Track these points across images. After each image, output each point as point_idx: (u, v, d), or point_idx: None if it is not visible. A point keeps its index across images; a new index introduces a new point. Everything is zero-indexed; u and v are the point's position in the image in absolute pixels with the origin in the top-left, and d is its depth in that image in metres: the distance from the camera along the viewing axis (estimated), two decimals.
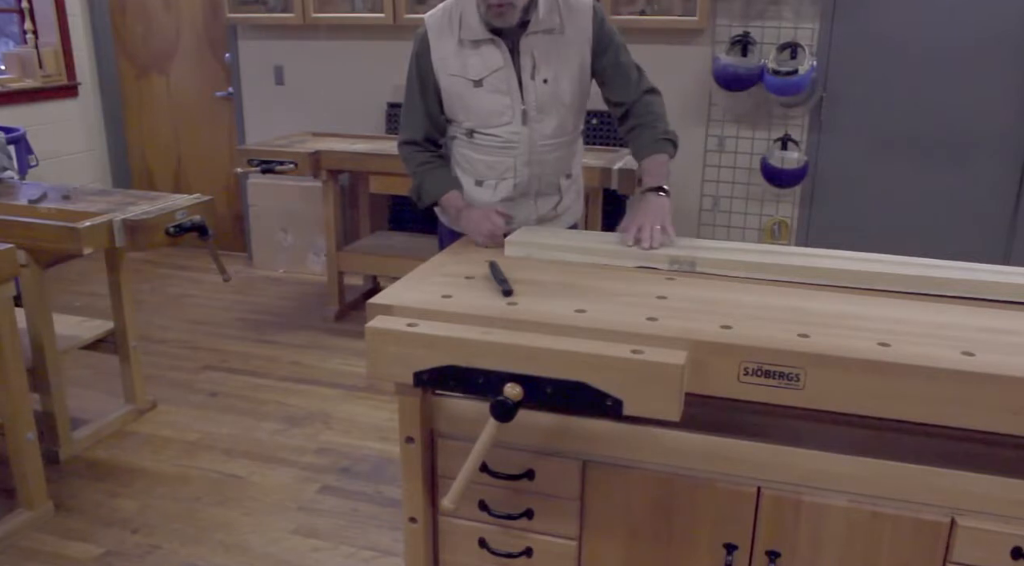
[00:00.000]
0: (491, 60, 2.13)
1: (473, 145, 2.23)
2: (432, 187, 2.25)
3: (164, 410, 3.39)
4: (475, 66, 2.14)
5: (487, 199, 2.25)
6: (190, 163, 5.58)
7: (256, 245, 5.26)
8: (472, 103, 2.17)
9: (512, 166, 2.22)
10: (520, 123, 2.17)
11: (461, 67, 2.15)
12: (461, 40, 2.13)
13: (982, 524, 1.40)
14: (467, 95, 2.17)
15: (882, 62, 3.94)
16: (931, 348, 1.41)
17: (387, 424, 3.25)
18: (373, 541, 2.54)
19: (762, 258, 1.84)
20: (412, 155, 2.29)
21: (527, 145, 2.20)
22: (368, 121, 4.87)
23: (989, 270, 1.78)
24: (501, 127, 2.18)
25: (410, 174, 2.30)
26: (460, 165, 2.30)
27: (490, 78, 2.14)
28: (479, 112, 2.18)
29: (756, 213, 4.31)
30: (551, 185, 2.30)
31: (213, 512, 2.70)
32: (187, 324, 4.34)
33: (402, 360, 1.51)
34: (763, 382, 1.42)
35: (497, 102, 2.16)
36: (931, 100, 3.91)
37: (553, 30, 2.14)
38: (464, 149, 2.26)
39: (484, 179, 2.26)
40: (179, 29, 5.31)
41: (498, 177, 2.24)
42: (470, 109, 2.18)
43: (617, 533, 1.61)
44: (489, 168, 2.24)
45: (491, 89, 2.15)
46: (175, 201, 2.96)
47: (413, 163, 2.29)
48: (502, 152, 2.21)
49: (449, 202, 2.23)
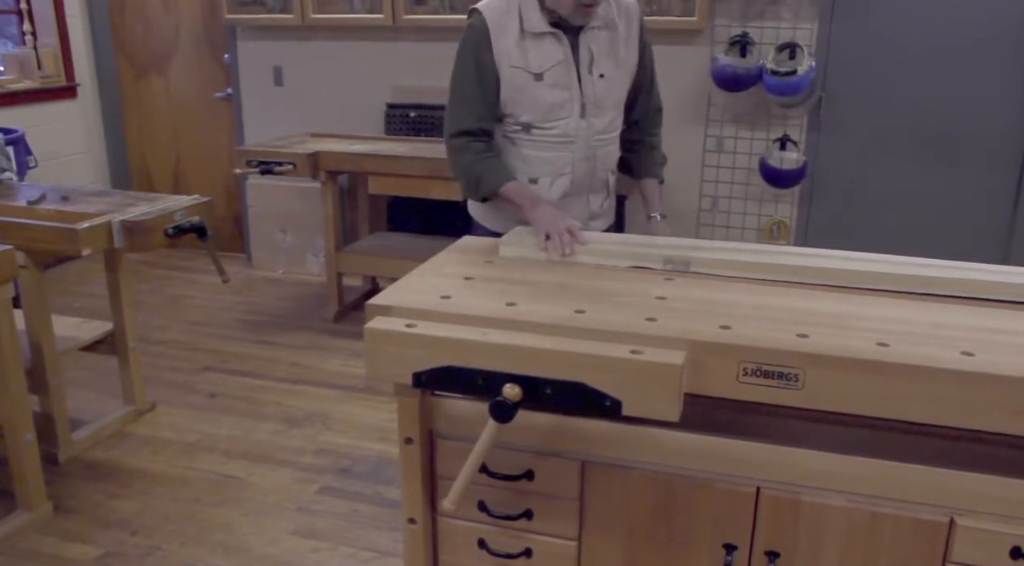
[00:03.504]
0: (552, 53, 2.14)
1: (530, 141, 2.21)
2: (492, 176, 2.17)
3: (163, 411, 3.39)
4: (536, 59, 2.13)
5: (543, 196, 2.22)
6: (189, 164, 5.58)
7: (255, 246, 5.26)
8: (533, 96, 2.16)
9: (570, 161, 2.22)
10: (579, 117, 2.19)
11: (523, 59, 2.13)
12: (523, 32, 2.12)
13: (981, 524, 1.40)
14: (528, 88, 2.15)
15: (881, 62, 3.94)
16: (930, 348, 1.41)
17: (386, 425, 3.25)
18: (372, 542, 2.54)
19: (757, 258, 1.84)
20: (467, 145, 2.19)
21: (584, 140, 2.21)
22: (367, 122, 4.87)
23: (988, 270, 1.78)
24: (560, 121, 2.18)
25: (463, 165, 2.20)
26: (510, 164, 2.25)
27: (551, 71, 2.14)
28: (539, 105, 2.17)
29: (755, 213, 4.31)
30: (601, 181, 2.32)
31: (212, 513, 2.70)
32: (186, 325, 4.34)
33: (401, 361, 1.51)
34: (762, 382, 1.42)
35: (557, 95, 2.16)
36: (929, 100, 3.91)
37: (609, 27, 2.18)
38: (519, 146, 2.23)
39: (540, 176, 2.24)
40: (178, 30, 5.31)
41: (555, 173, 2.23)
42: (530, 102, 2.17)
43: (616, 533, 1.61)
44: (546, 164, 2.22)
45: (551, 82, 2.15)
46: (174, 202, 2.96)
47: (469, 153, 2.19)
48: (560, 147, 2.21)
49: (515, 191, 2.14)
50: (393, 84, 4.75)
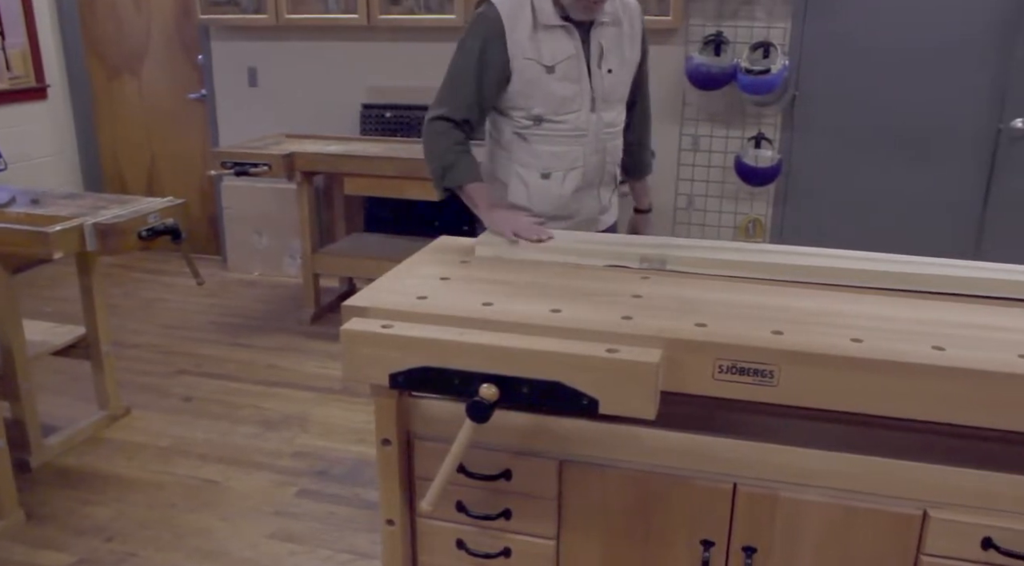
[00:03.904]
0: (564, 47, 2.15)
1: (541, 135, 2.21)
2: (462, 171, 2.16)
3: (138, 416, 3.36)
4: (549, 52, 2.14)
5: (556, 192, 2.24)
6: (163, 166, 5.53)
7: (231, 248, 5.22)
8: (545, 89, 2.16)
9: (581, 155, 2.23)
10: (589, 111, 2.20)
11: (536, 52, 2.13)
12: (537, 24, 2.12)
13: (954, 516, 1.42)
14: (540, 80, 2.15)
15: (853, 62, 3.98)
16: (903, 344, 1.43)
17: (364, 426, 3.23)
18: (351, 544, 2.53)
19: (733, 255, 1.85)
20: (447, 131, 2.17)
21: (595, 133, 2.23)
22: (343, 123, 4.84)
23: (960, 265, 1.80)
24: (571, 114, 2.18)
25: (436, 151, 2.18)
26: (520, 160, 2.24)
27: (562, 64, 2.15)
28: (551, 99, 2.17)
29: (731, 211, 4.33)
30: (610, 175, 2.34)
31: (189, 518, 2.67)
32: (161, 328, 4.30)
33: (377, 362, 1.50)
34: (738, 379, 1.42)
35: (567, 89, 2.17)
36: (901, 99, 3.95)
37: (616, 23, 2.21)
38: (531, 142, 2.22)
39: (552, 171, 2.23)
40: (150, 30, 5.26)
41: (567, 168, 2.23)
42: (542, 95, 2.17)
43: (595, 532, 1.61)
44: (557, 158, 2.22)
45: (562, 76, 2.15)
46: (147, 204, 2.93)
47: (446, 140, 2.17)
48: (572, 141, 2.21)
49: (477, 193, 2.15)
50: (368, 85, 4.73)
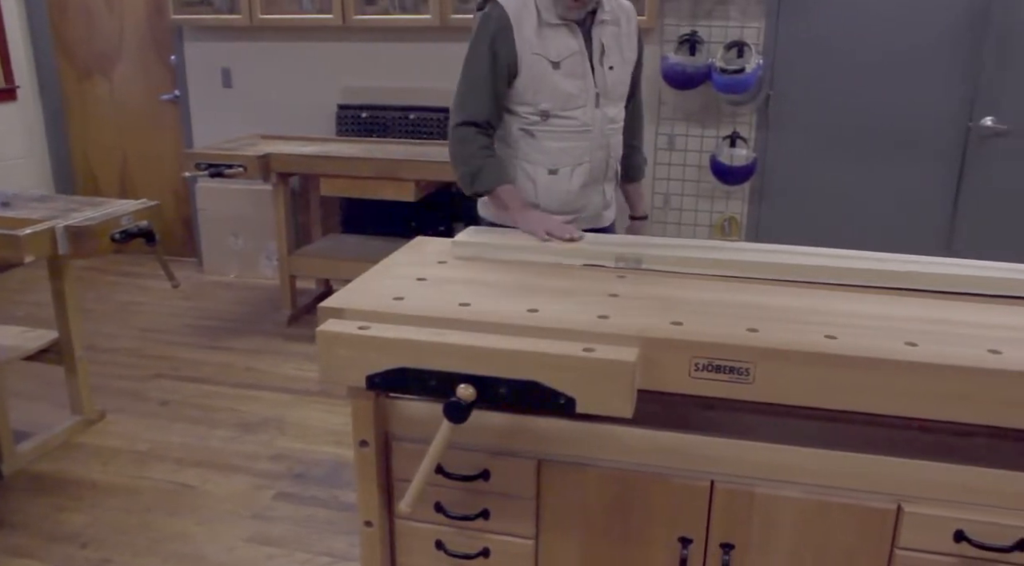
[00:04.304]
0: (568, 44, 2.18)
1: (548, 131, 2.22)
2: (492, 175, 2.17)
3: (113, 420, 3.32)
4: (554, 48, 2.17)
5: (564, 187, 2.26)
6: (136, 167, 5.47)
7: (206, 250, 5.18)
8: (551, 84, 2.18)
9: (588, 150, 2.26)
10: (593, 106, 2.23)
11: (543, 47, 2.16)
12: (542, 21, 2.15)
13: (927, 510, 1.43)
14: (547, 76, 2.17)
15: (826, 61, 4.01)
16: (876, 340, 1.44)
17: (342, 428, 3.22)
18: (329, 547, 2.52)
19: (709, 254, 1.87)
20: (474, 137, 2.19)
21: (599, 129, 2.26)
22: (318, 123, 4.82)
23: (932, 262, 1.82)
24: (577, 110, 2.21)
25: (464, 156, 2.19)
26: (527, 157, 2.25)
27: (567, 61, 2.18)
28: (558, 94, 2.19)
29: (707, 210, 4.36)
30: (612, 170, 2.38)
31: (166, 523, 2.65)
32: (136, 332, 4.25)
33: (354, 363, 1.50)
34: (714, 377, 1.43)
35: (572, 85, 2.19)
36: (874, 98, 3.99)
37: (615, 22, 2.26)
38: (538, 138, 2.23)
39: (559, 166, 2.25)
40: (122, 30, 5.21)
41: (574, 163, 2.26)
42: (549, 90, 2.19)
43: (574, 531, 1.61)
44: (564, 154, 2.24)
45: (567, 72, 2.18)
46: (120, 207, 2.91)
47: (473, 145, 2.19)
48: (578, 137, 2.24)
49: (507, 195, 2.17)
50: (344, 85, 4.71)
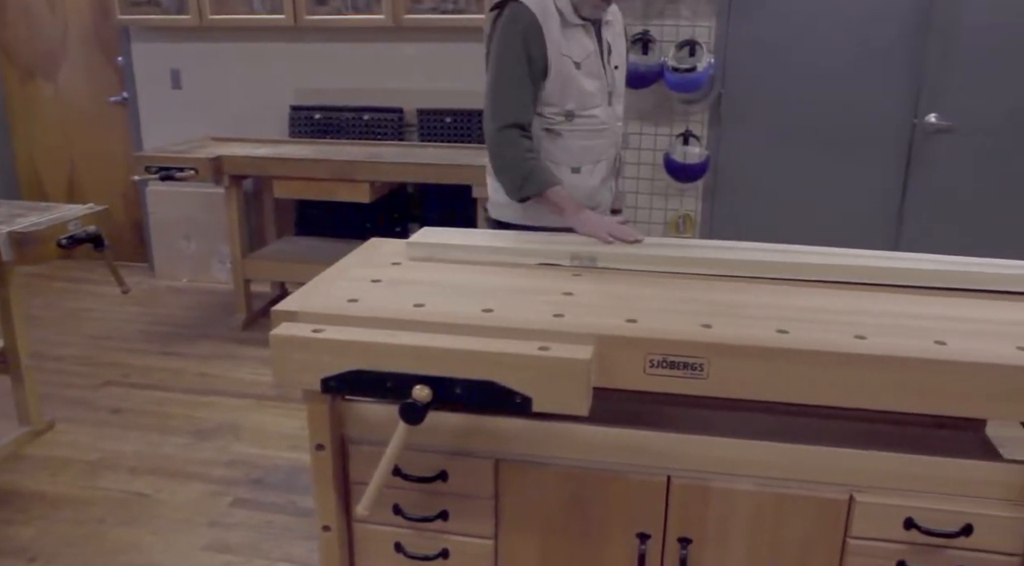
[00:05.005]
0: (586, 44, 2.21)
1: (572, 130, 2.23)
2: (541, 178, 2.14)
3: (62, 430, 3.25)
4: (576, 48, 2.19)
5: (586, 185, 2.27)
6: (84, 171, 5.36)
7: (157, 254, 5.09)
8: (576, 84, 2.19)
9: (605, 147, 2.30)
10: (607, 104, 2.27)
11: (568, 48, 2.17)
12: (565, 22, 2.16)
13: (878, 499, 1.46)
14: (572, 76, 2.19)
15: (776, 60, 4.07)
16: (826, 334, 1.47)
17: (299, 432, 3.18)
18: (287, 552, 2.49)
19: (662, 251, 1.89)
20: (518, 140, 2.15)
21: (611, 126, 2.30)
22: (271, 125, 4.76)
23: (880, 256, 1.86)
24: (596, 109, 2.24)
25: (511, 160, 2.16)
26: (550, 156, 2.24)
27: (586, 61, 2.20)
28: (581, 94, 2.21)
29: (661, 208, 4.39)
30: (619, 164, 2.44)
31: (119, 533, 2.59)
32: (85, 339, 4.16)
33: (309, 366, 1.48)
34: (668, 373, 1.45)
35: (591, 84, 2.22)
36: (823, 96, 4.06)
37: (614, 23, 2.31)
38: (564, 137, 2.23)
39: (581, 165, 2.27)
40: (66, 30, 5.09)
41: (594, 161, 2.29)
42: (575, 91, 2.20)
43: (532, 529, 1.61)
44: (588, 152, 2.26)
45: (586, 72, 2.21)
46: (67, 211, 2.84)
47: (520, 149, 2.15)
48: (597, 134, 2.27)
49: (559, 197, 2.14)
50: (297, 86, 4.66)
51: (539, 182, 2.14)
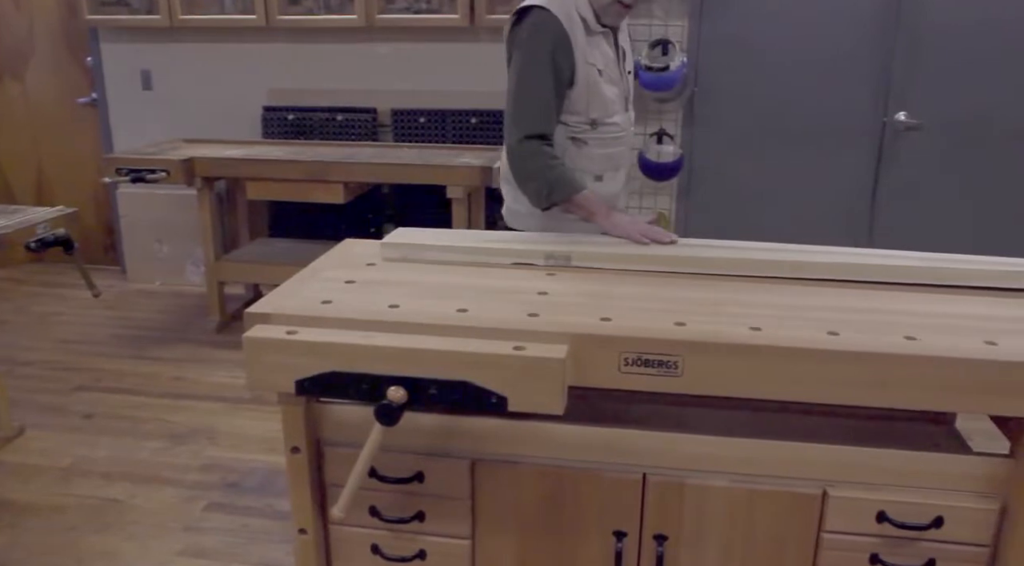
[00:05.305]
0: (607, 51, 2.20)
1: (597, 138, 2.21)
2: (567, 184, 2.10)
3: (33, 436, 3.20)
4: (599, 56, 2.17)
5: (608, 191, 2.26)
6: (53, 174, 5.28)
7: (129, 257, 5.03)
8: (600, 92, 2.17)
9: (623, 154, 2.31)
10: (624, 111, 2.27)
11: (592, 55, 2.15)
12: (589, 29, 2.14)
13: (851, 493, 1.48)
14: (597, 84, 2.16)
15: (748, 59, 4.10)
16: (799, 330, 1.48)
17: (275, 435, 3.16)
18: (264, 556, 2.47)
19: (636, 250, 1.89)
20: (541, 149, 2.11)
21: (629, 133, 2.31)
22: (243, 126, 4.72)
23: (852, 253, 1.88)
24: (616, 115, 2.23)
25: (534, 170, 2.11)
26: (575, 164, 2.21)
27: (607, 69, 2.19)
28: (605, 102, 2.19)
29: (636, 206, 4.41)
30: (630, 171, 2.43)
31: (92, 540, 2.56)
32: (56, 344, 4.11)
33: (283, 369, 1.47)
34: (643, 371, 1.45)
35: (611, 91, 2.21)
36: (794, 95, 4.09)
37: (622, 28, 2.30)
38: (590, 145, 2.21)
39: (604, 172, 2.26)
40: (33, 30, 5.02)
41: (615, 167, 2.28)
42: (599, 99, 2.17)
43: (509, 529, 1.62)
44: (609, 160, 2.26)
45: (607, 79, 2.19)
46: (35, 214, 2.81)
47: (543, 157, 2.11)
48: (618, 142, 2.26)
49: (589, 201, 2.10)
50: (269, 86, 4.63)
51: (566, 188, 2.10)
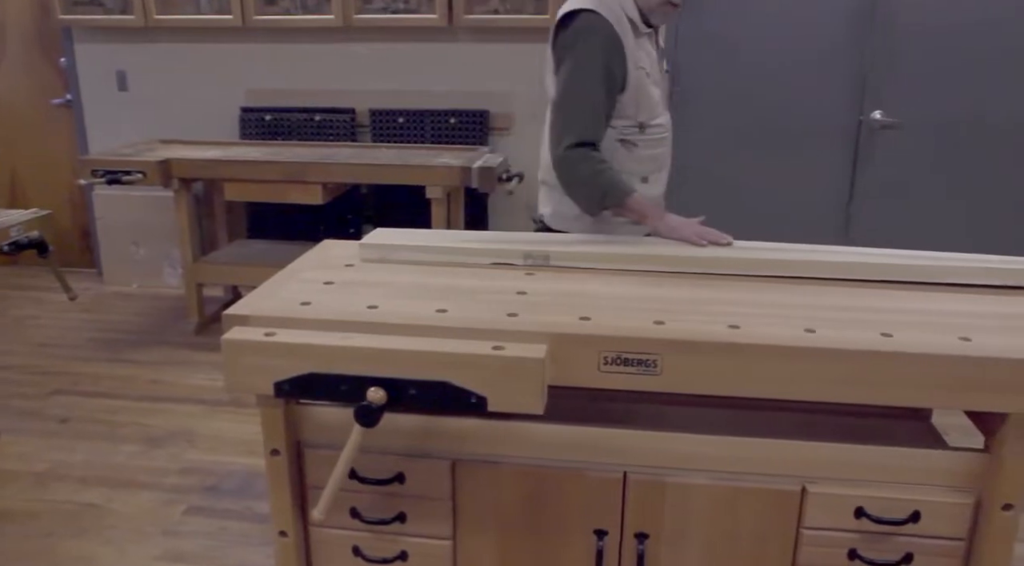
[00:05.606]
0: (651, 51, 2.18)
1: (645, 140, 2.18)
2: (619, 189, 2.07)
3: (8, 441, 3.16)
4: (644, 57, 2.14)
5: (654, 193, 2.24)
6: (27, 176, 5.22)
7: (106, 260, 4.99)
8: (647, 94, 2.15)
9: (667, 155, 2.29)
10: (664, 110, 2.26)
11: (640, 58, 2.13)
12: (637, 31, 2.11)
13: (829, 489, 1.49)
14: (644, 86, 2.14)
15: (726, 58, 4.12)
16: (777, 328, 1.49)
17: (254, 438, 3.14)
18: (243, 559, 2.45)
19: (615, 249, 1.90)
20: (589, 155, 2.07)
21: (670, 133, 2.29)
22: (220, 127, 4.69)
23: (830, 251, 1.89)
24: (660, 117, 2.22)
25: (584, 176, 2.08)
26: (623, 167, 2.17)
27: (652, 69, 2.17)
28: (651, 103, 2.17)
29: None
30: None
31: (69, 546, 2.54)
32: (32, 347, 4.06)
33: (261, 371, 1.46)
34: (622, 370, 1.45)
35: (655, 92, 2.19)
36: (773, 94, 4.12)
37: None
38: (639, 147, 2.18)
39: (650, 173, 2.23)
40: (4, 31, 4.96)
41: (659, 169, 2.26)
42: (647, 101, 2.15)
43: (490, 529, 1.61)
44: (655, 161, 2.23)
45: (652, 80, 2.17)
46: (8, 217, 2.77)
47: (592, 163, 2.07)
48: (662, 142, 2.24)
49: (640, 204, 2.07)
50: (246, 87, 4.60)
51: (619, 193, 2.07)
